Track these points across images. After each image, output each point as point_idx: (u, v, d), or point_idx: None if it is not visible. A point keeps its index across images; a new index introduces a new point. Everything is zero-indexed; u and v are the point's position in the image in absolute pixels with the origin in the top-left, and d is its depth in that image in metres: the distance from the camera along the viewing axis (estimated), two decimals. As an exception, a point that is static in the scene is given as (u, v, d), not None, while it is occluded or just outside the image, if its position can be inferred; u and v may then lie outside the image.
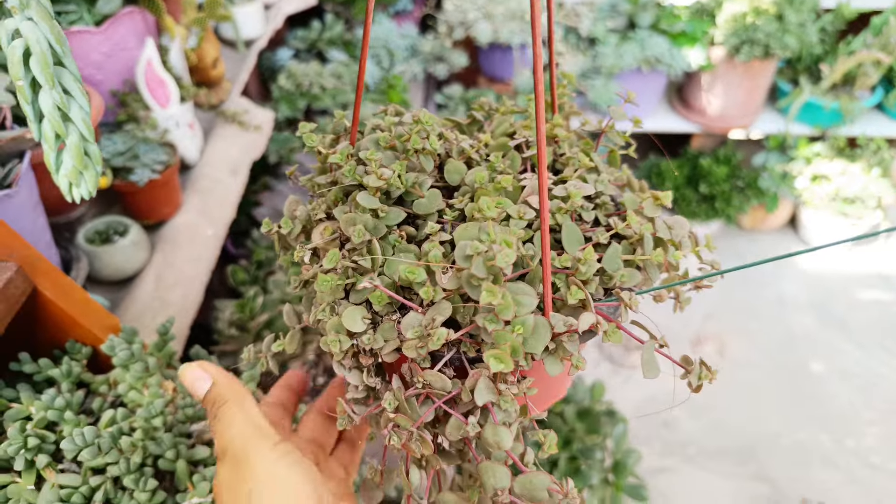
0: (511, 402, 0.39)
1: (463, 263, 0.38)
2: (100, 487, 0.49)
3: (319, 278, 0.42)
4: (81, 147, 0.36)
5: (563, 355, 0.40)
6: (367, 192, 0.44)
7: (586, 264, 0.41)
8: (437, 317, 0.39)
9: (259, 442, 0.42)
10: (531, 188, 0.46)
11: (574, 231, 0.44)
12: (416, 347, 0.39)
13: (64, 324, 0.58)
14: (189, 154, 1.12)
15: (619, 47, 2.01)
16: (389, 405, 0.40)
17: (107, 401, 0.57)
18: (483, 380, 0.39)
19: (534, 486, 0.39)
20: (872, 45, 2.07)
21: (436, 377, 0.39)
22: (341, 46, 1.89)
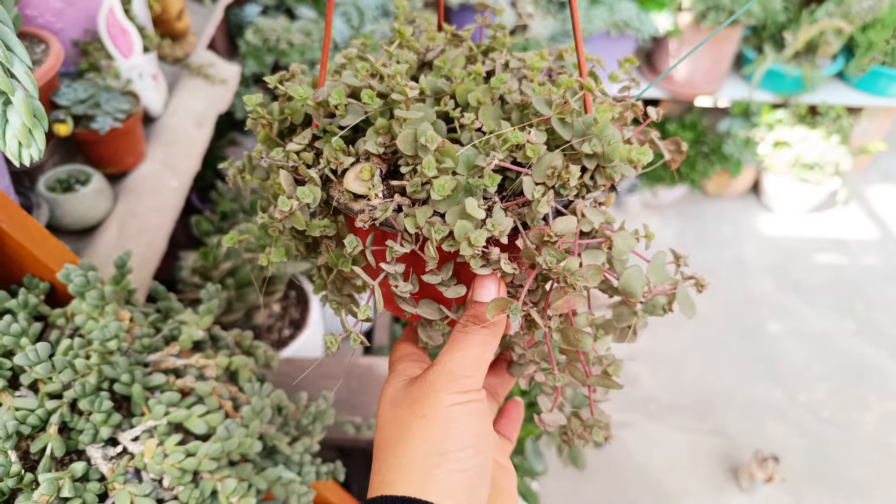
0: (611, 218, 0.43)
1: (545, 111, 0.44)
2: (56, 410, 0.51)
3: (437, 183, 0.41)
4: (28, 105, 0.35)
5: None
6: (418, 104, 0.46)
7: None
8: (555, 162, 0.41)
9: (454, 378, 0.42)
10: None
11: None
12: (547, 202, 0.41)
13: (21, 258, 0.59)
14: (153, 105, 1.12)
15: (588, 11, 2.02)
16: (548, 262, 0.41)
17: (64, 333, 0.58)
18: (588, 209, 0.43)
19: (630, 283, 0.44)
20: (835, 13, 2.10)
21: (564, 223, 0.41)
22: (310, 3, 1.88)
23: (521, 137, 0.41)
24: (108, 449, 0.51)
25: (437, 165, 0.41)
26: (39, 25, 0.99)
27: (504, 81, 0.46)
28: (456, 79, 0.49)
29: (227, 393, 0.59)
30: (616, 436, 1.80)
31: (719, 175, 2.48)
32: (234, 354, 0.65)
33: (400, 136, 0.42)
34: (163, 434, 0.52)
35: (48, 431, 0.49)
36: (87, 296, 0.55)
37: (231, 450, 0.52)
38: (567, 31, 2.06)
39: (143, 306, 0.67)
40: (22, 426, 0.48)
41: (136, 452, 0.51)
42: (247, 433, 0.55)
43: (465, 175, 0.42)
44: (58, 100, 0.93)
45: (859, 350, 2.05)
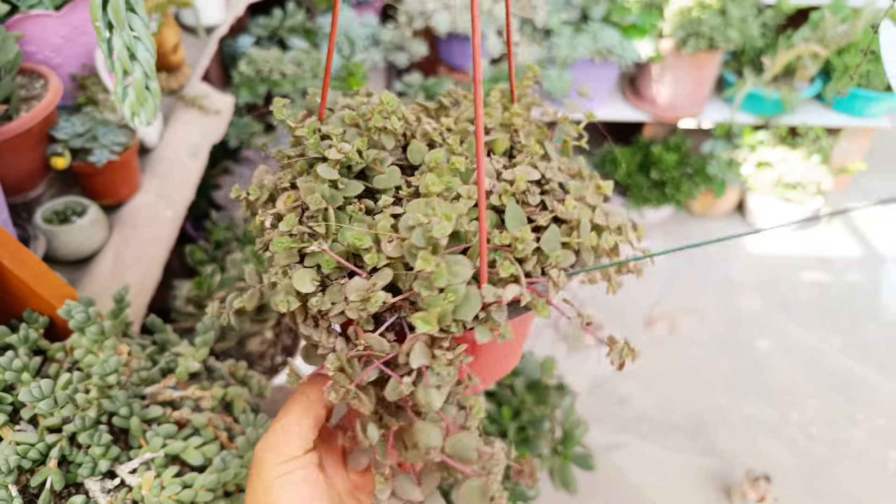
0: (444, 367, 0.41)
1: (406, 234, 0.42)
2: (56, 444, 0.53)
3: (275, 240, 0.45)
4: (143, 83, 0.40)
5: (492, 325, 0.42)
6: (327, 164, 0.48)
7: (523, 242, 0.44)
8: (378, 282, 0.42)
9: (278, 449, 0.43)
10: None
11: (517, 212, 0.47)
12: (357, 309, 0.42)
13: (21, 293, 0.61)
14: (149, 137, 1.15)
15: (572, 39, 2.06)
16: (331, 364, 0.43)
17: (63, 367, 0.60)
18: (419, 344, 0.41)
19: (463, 446, 0.42)
20: (811, 38, 2.16)
21: (375, 340, 0.42)
22: (302, 34, 1.92)
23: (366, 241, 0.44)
24: (106, 482, 0.53)
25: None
26: (38, 61, 1.02)
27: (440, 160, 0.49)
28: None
29: (222, 424, 0.60)
30: (609, 456, 1.82)
31: (704, 195, 2.52)
32: (228, 385, 0.67)
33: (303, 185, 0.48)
34: (160, 466, 0.54)
35: (48, 465, 0.51)
36: (87, 331, 0.57)
37: (227, 481, 0.54)
38: (552, 58, 2.10)
39: (140, 338, 0.69)
40: (23, 460, 0.50)
41: (134, 485, 0.53)
42: (242, 464, 0.57)
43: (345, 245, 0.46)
44: (56, 133, 0.95)
45: (847, 366, 2.08)
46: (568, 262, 0.46)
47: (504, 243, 0.44)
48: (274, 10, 1.93)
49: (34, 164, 0.95)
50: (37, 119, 0.88)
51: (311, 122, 0.53)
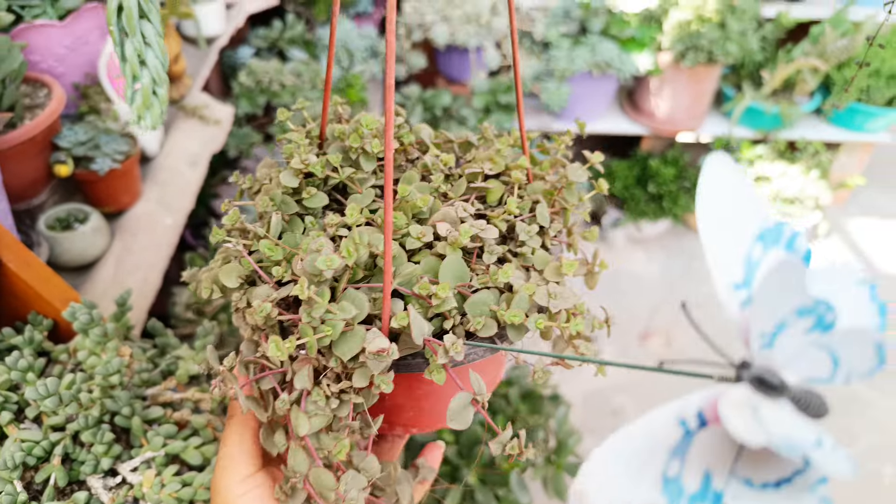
0: (322, 398, 0.41)
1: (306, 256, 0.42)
2: (59, 442, 0.54)
3: (213, 230, 0.47)
4: (151, 88, 0.42)
5: (369, 371, 0.40)
6: (289, 172, 0.49)
7: (439, 299, 0.42)
8: (273, 294, 0.42)
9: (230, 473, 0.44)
10: (444, 214, 0.48)
11: (455, 266, 0.45)
12: (252, 315, 0.42)
13: (26, 296, 0.62)
14: (149, 146, 1.16)
15: (571, 51, 2.08)
16: (227, 362, 0.44)
17: (66, 368, 0.61)
18: (308, 368, 0.41)
19: (321, 482, 0.41)
20: (811, 53, 2.17)
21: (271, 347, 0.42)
22: (302, 46, 1.94)
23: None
24: (108, 479, 0.54)
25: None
26: (42, 70, 1.03)
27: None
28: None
29: (221, 425, 0.61)
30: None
31: (702, 209, 2.53)
32: (227, 388, 0.68)
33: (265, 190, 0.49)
34: (160, 465, 0.55)
35: (52, 462, 0.52)
36: (90, 333, 0.58)
37: (225, 479, 0.55)
38: (550, 71, 2.12)
39: (141, 341, 0.70)
40: (28, 457, 0.51)
41: (135, 482, 0.53)
42: (240, 463, 0.57)
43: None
44: (59, 142, 0.97)
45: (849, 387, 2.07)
46: (489, 331, 0.43)
47: (423, 293, 0.42)
48: (274, 22, 1.95)
49: (38, 172, 0.97)
50: (40, 127, 0.90)
51: (311, 128, 0.54)
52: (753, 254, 0.30)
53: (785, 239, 0.30)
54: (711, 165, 0.31)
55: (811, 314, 0.27)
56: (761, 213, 0.31)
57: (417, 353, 0.42)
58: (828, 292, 0.29)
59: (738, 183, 0.31)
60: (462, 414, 0.42)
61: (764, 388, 0.28)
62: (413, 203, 0.48)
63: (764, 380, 0.28)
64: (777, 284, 0.27)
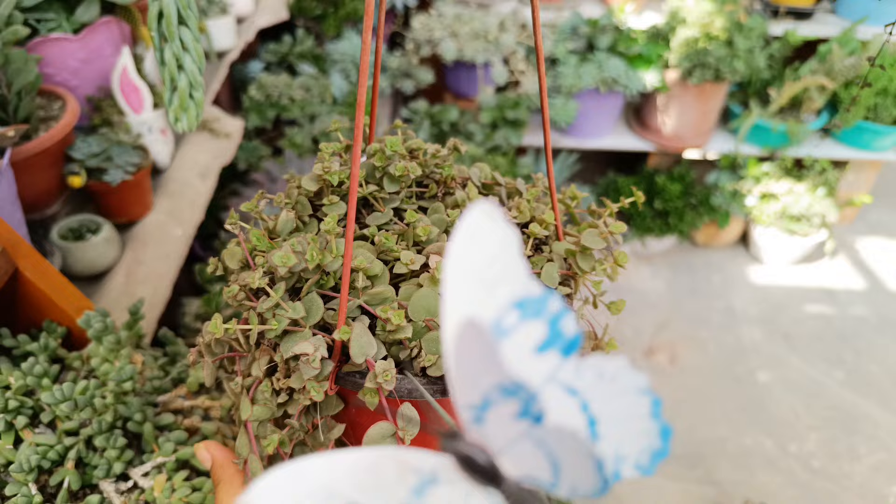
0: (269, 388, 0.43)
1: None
2: (73, 447, 0.54)
3: (231, 213, 0.49)
4: (187, 92, 0.44)
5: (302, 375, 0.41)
6: (311, 177, 0.50)
7: (394, 325, 0.42)
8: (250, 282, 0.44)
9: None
10: (438, 248, 0.48)
11: (426, 298, 0.44)
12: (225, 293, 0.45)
13: (42, 304, 0.63)
14: (161, 158, 1.18)
15: (578, 68, 2.10)
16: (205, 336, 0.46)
17: (80, 375, 0.62)
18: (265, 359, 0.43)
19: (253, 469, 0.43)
20: (818, 71, 2.18)
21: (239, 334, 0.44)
22: (311, 60, 1.96)
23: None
24: (120, 483, 0.55)
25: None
26: (56, 83, 1.05)
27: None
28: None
29: (230, 433, 0.62)
30: (608, 484, 1.81)
31: (708, 226, 2.54)
32: (237, 396, 0.69)
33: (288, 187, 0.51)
34: (171, 470, 0.56)
35: (66, 466, 0.53)
36: (104, 340, 0.59)
37: (235, 485, 0.55)
38: (557, 87, 2.14)
39: (152, 350, 0.71)
40: (42, 461, 0.52)
41: (147, 487, 0.54)
42: (249, 470, 0.58)
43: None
44: (73, 153, 0.98)
45: (850, 400, 2.07)
46: (438, 372, 0.43)
47: (382, 315, 0.42)
48: (284, 37, 1.98)
49: (51, 183, 0.98)
50: (55, 139, 0.91)
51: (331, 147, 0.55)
52: (505, 320, 0.24)
53: (549, 314, 0.24)
54: (474, 215, 0.26)
55: (514, 397, 0.23)
56: (525, 280, 0.26)
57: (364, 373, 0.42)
58: (597, 392, 0.25)
59: (504, 240, 0.27)
60: (378, 444, 0.41)
61: (472, 470, 0.25)
62: (416, 231, 0.48)
63: (471, 460, 0.25)
64: (471, 350, 0.24)
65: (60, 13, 1.02)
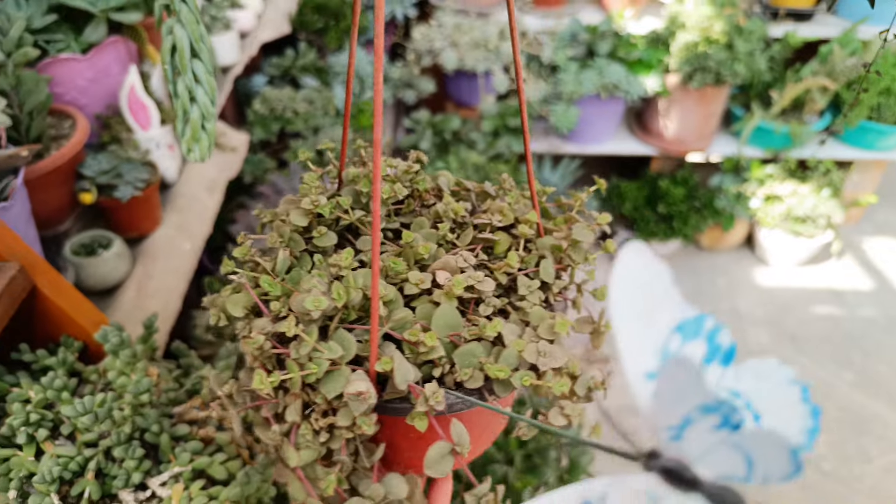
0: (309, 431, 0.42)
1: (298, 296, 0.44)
2: (93, 458, 0.56)
3: (224, 261, 0.48)
4: (199, 123, 0.45)
5: (351, 412, 0.41)
6: (299, 212, 0.50)
7: (427, 347, 0.42)
8: (269, 328, 0.44)
9: None
10: (444, 263, 0.48)
11: (448, 315, 0.45)
12: (246, 344, 0.43)
13: (59, 320, 0.64)
14: (169, 173, 1.20)
15: (578, 74, 2.11)
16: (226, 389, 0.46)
17: (97, 388, 0.64)
18: (298, 402, 0.42)
19: None
20: (819, 72, 2.19)
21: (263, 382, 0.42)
22: (314, 73, 1.98)
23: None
24: (138, 493, 0.56)
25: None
26: (66, 102, 1.07)
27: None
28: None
29: (243, 442, 0.63)
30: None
31: (712, 229, 2.54)
32: (250, 407, 0.70)
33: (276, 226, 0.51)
34: (188, 479, 0.57)
35: (86, 477, 0.54)
36: (120, 354, 0.60)
37: (249, 494, 0.56)
38: (558, 94, 2.15)
39: (166, 362, 0.72)
40: (64, 472, 0.53)
41: (164, 496, 0.55)
42: (262, 479, 0.59)
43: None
44: (83, 171, 1.00)
45: (859, 401, 2.07)
46: (476, 383, 0.43)
47: (412, 340, 0.43)
48: (286, 50, 2.00)
49: (63, 200, 1.00)
50: (66, 157, 0.93)
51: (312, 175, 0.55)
52: (671, 345, 0.28)
53: (706, 332, 0.29)
54: (627, 255, 0.30)
55: (715, 413, 0.26)
56: (679, 305, 0.30)
57: (405, 398, 0.43)
58: (756, 390, 0.29)
59: (655, 273, 0.30)
60: (440, 463, 0.42)
61: (674, 481, 0.27)
62: (416, 250, 0.49)
63: (673, 472, 0.27)
64: (674, 381, 0.26)
65: (69, 34, 1.04)
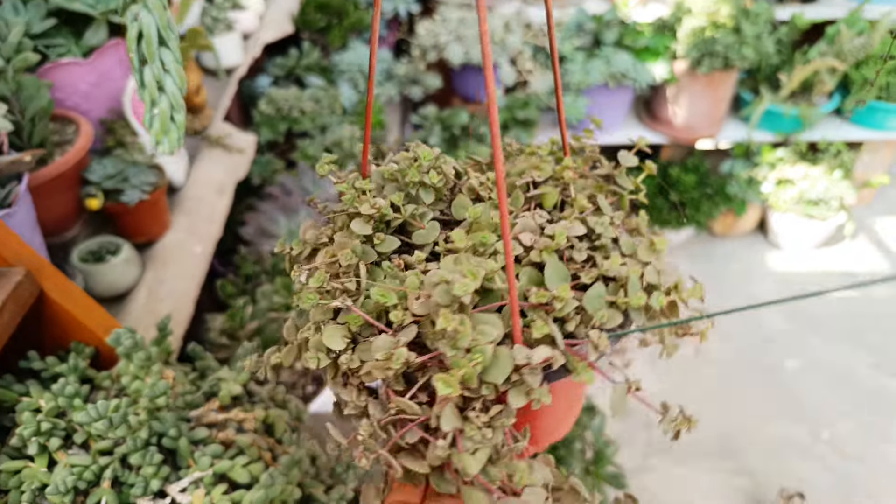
0: (477, 431, 0.39)
1: (431, 291, 0.40)
2: (108, 466, 0.54)
3: (303, 295, 0.44)
4: (168, 114, 0.43)
5: (526, 388, 0.40)
6: (360, 220, 0.47)
7: (562, 301, 0.41)
8: (402, 339, 0.40)
9: None
10: (522, 226, 0.47)
11: (558, 268, 0.45)
12: (382, 368, 0.40)
13: (69, 325, 0.63)
14: (176, 176, 1.18)
15: (585, 64, 2.09)
16: (364, 430, 0.41)
17: (111, 394, 0.62)
18: (449, 407, 0.39)
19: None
20: (827, 53, 2.16)
21: (404, 403, 0.40)
22: (318, 72, 1.96)
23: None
24: (157, 501, 0.54)
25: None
26: (68, 107, 1.05)
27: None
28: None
29: (265, 444, 0.61)
30: (639, 480, 1.80)
31: (725, 215, 2.52)
32: (269, 408, 0.68)
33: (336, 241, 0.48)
34: (209, 484, 0.55)
35: (102, 486, 0.52)
36: (134, 357, 0.59)
37: (274, 497, 0.55)
38: (566, 85, 2.13)
39: (181, 366, 0.70)
40: (78, 482, 0.51)
41: (185, 503, 0.54)
42: (287, 481, 0.58)
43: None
44: (89, 176, 0.98)
45: (879, 382, 2.04)
46: (614, 322, 0.43)
47: (541, 301, 0.42)
48: (290, 50, 1.98)
49: (69, 206, 0.98)
50: (70, 163, 0.92)
51: (353, 177, 0.52)
52: None
53: None
54: None
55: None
56: None
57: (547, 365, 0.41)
58: None
59: None
60: (621, 402, 0.43)
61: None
62: (488, 221, 0.48)
63: None
64: None
65: (69, 38, 1.02)
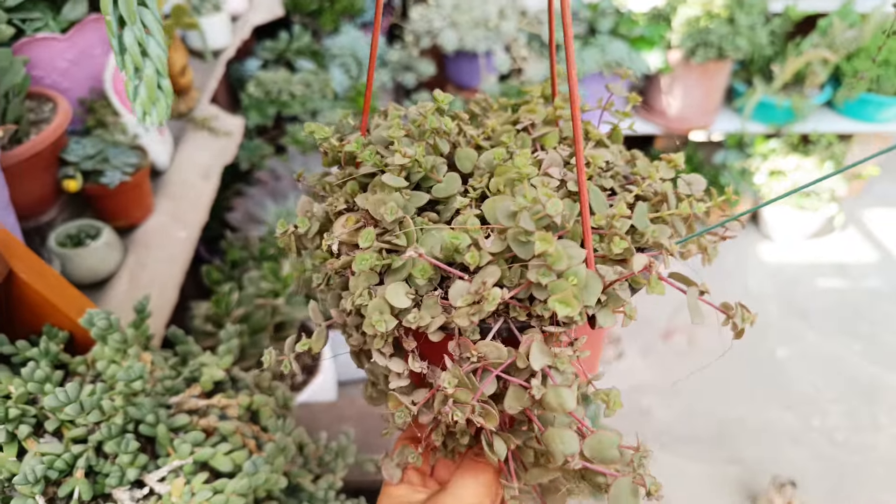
0: (567, 364, 0.38)
1: (507, 223, 0.38)
2: (82, 455, 0.51)
3: (357, 257, 0.41)
4: (155, 80, 0.39)
5: (616, 305, 0.40)
6: (391, 173, 0.44)
7: (620, 220, 0.42)
8: (487, 279, 0.38)
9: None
10: (550, 160, 0.48)
11: (598, 195, 0.45)
12: (468, 315, 0.38)
13: (41, 308, 0.59)
14: (160, 159, 1.14)
15: (580, 52, 2.07)
16: (449, 383, 0.39)
17: (86, 380, 0.59)
18: (537, 343, 0.38)
19: (603, 446, 0.38)
20: (820, 45, 2.15)
21: (490, 347, 0.39)
22: (309, 56, 1.92)
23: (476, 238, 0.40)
24: (134, 491, 0.51)
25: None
26: (46, 85, 1.01)
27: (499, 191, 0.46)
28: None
29: (249, 432, 0.59)
30: (631, 471, 1.78)
31: (717, 206, 2.50)
32: (254, 395, 0.65)
33: (370, 200, 0.44)
34: (189, 473, 0.52)
35: (75, 476, 0.49)
36: (109, 339, 0.55)
37: (258, 485, 0.52)
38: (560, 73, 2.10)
39: (162, 351, 0.67)
40: (49, 471, 0.48)
41: (164, 493, 0.51)
42: (272, 469, 0.55)
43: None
44: (66, 156, 0.94)
45: (868, 372, 2.05)
46: (665, 235, 0.45)
47: (599, 225, 0.43)
48: (280, 33, 1.94)
49: (46, 188, 0.94)
50: (46, 142, 0.87)
51: (356, 137, 0.49)
52: None
53: None
54: None
55: None
56: None
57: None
58: None
59: None
60: (698, 307, 0.45)
61: None
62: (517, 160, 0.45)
63: None
64: None
65: (46, 12, 0.98)
